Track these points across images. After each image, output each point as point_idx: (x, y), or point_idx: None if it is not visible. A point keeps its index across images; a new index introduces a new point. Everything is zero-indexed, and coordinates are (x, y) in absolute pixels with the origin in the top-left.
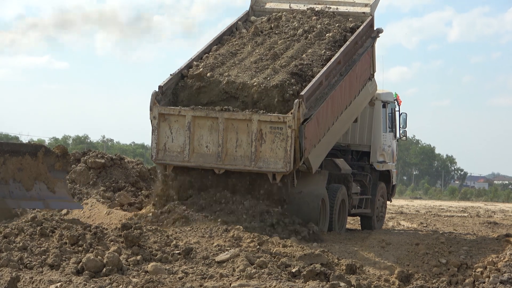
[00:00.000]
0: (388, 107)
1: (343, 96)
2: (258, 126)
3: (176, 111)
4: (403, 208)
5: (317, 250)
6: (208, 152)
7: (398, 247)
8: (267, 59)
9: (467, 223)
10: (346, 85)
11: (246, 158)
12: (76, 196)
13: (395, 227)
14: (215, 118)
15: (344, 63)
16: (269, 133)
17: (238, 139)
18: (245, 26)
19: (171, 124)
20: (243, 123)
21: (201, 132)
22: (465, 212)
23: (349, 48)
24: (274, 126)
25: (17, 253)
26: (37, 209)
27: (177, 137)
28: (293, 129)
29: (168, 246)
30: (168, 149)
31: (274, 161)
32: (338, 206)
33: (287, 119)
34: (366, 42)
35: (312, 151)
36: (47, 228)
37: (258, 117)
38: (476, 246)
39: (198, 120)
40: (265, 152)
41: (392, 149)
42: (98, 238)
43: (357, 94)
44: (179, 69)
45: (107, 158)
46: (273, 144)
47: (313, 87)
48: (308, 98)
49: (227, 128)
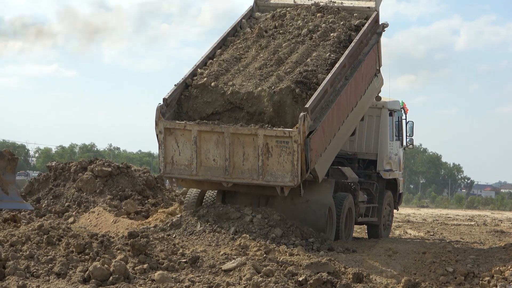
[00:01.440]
0: (395, 116)
1: (349, 99)
2: (264, 141)
3: (181, 126)
4: (410, 217)
5: (324, 259)
6: (215, 165)
7: (405, 255)
8: (272, 64)
9: (474, 231)
10: (352, 87)
11: (254, 172)
12: (82, 204)
13: (402, 236)
14: (221, 133)
15: (350, 65)
16: (276, 147)
17: (245, 153)
18: (250, 24)
19: (177, 137)
20: (249, 137)
21: (207, 146)
22: (472, 221)
23: (354, 49)
24: (280, 140)
25: (24, 261)
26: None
27: (184, 150)
28: (299, 143)
29: (174, 255)
30: (176, 162)
31: (281, 174)
32: (345, 214)
33: (292, 134)
34: (371, 39)
35: (318, 160)
36: (53, 237)
37: (264, 131)
38: (483, 254)
39: (204, 134)
40: (272, 165)
41: (398, 158)
42: (104, 247)
43: (363, 93)
44: (184, 77)
45: (114, 167)
46: (280, 158)
47: (318, 97)
48: (313, 110)
49: (233, 142)
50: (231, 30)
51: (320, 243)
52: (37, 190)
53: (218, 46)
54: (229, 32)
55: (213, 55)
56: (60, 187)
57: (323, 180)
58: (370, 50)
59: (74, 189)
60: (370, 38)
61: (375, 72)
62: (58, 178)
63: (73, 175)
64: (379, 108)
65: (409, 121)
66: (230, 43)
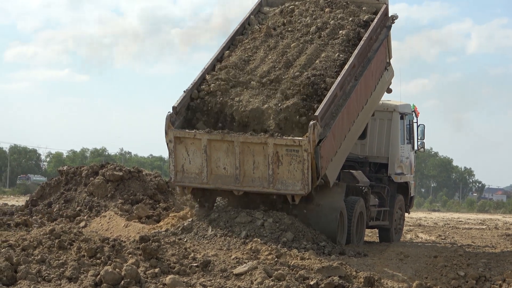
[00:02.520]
0: (406, 119)
1: (359, 99)
2: (274, 149)
3: (191, 135)
4: (421, 221)
5: (335, 263)
6: (226, 173)
7: (416, 259)
8: (280, 67)
9: (485, 235)
10: (362, 86)
11: (264, 180)
12: (94, 208)
13: (413, 240)
14: (230, 142)
15: (359, 64)
16: (286, 156)
17: (255, 161)
18: (258, 19)
19: (187, 146)
20: (258, 146)
21: (217, 155)
22: (483, 225)
23: (364, 48)
24: (290, 148)
25: (36, 265)
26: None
27: (194, 158)
28: (309, 152)
29: (186, 259)
30: (186, 170)
31: (292, 182)
32: (356, 218)
33: (302, 143)
34: (381, 34)
35: (329, 165)
36: (65, 241)
37: (274, 140)
38: (495, 258)
39: (214, 143)
40: (282, 174)
41: (410, 161)
42: (116, 251)
43: (373, 89)
44: (193, 83)
45: (125, 171)
46: (290, 166)
47: (327, 104)
48: (322, 117)
49: (243, 151)
50: (239, 27)
51: (331, 247)
52: (48, 195)
53: (227, 46)
54: (237, 30)
55: (222, 56)
56: (71, 191)
57: (334, 184)
58: (380, 46)
59: (86, 194)
60: (380, 33)
61: (385, 66)
62: (70, 183)
63: (84, 179)
64: (390, 112)
65: (420, 125)
66: (238, 43)
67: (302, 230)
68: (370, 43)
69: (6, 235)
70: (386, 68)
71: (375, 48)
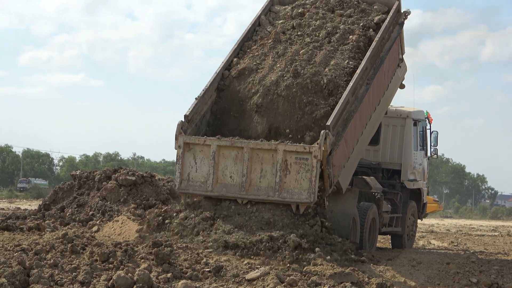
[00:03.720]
0: (419, 125)
1: (372, 101)
2: (283, 156)
3: (201, 141)
4: (434, 227)
5: (347, 269)
6: (232, 182)
7: (428, 266)
8: (289, 77)
9: (498, 242)
10: (375, 88)
11: (270, 189)
12: (106, 213)
13: (426, 246)
14: (240, 148)
15: (371, 66)
16: (294, 164)
17: (263, 170)
18: (269, 19)
19: (195, 154)
20: (268, 153)
21: (225, 162)
22: (496, 231)
23: (376, 49)
24: (299, 156)
25: (48, 270)
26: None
27: (201, 167)
28: (318, 159)
29: (198, 264)
30: (192, 179)
31: (298, 191)
32: (369, 224)
33: (312, 149)
34: (393, 32)
35: (341, 172)
36: (78, 245)
37: (284, 147)
38: (507, 265)
39: (223, 150)
40: (289, 183)
41: (423, 167)
42: (128, 256)
43: (386, 89)
44: (204, 89)
45: (138, 176)
46: (298, 175)
47: (339, 111)
48: (334, 126)
49: (252, 158)
50: (249, 30)
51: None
52: (61, 199)
53: (235, 53)
54: (246, 34)
55: (230, 64)
56: (84, 196)
57: (347, 190)
58: (392, 44)
59: (98, 198)
60: (392, 31)
61: (398, 63)
62: (82, 187)
63: (97, 184)
64: (404, 118)
65: (434, 131)
66: (247, 49)
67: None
68: (383, 43)
69: (19, 239)
70: (399, 65)
71: (388, 47)
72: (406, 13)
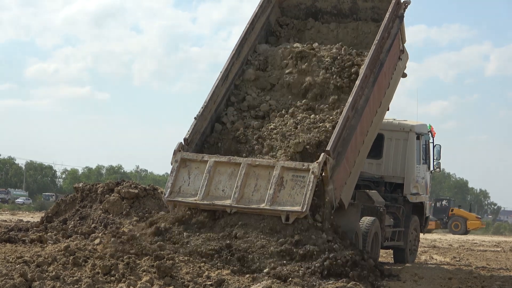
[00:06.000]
0: (422, 139)
1: (373, 108)
2: (280, 172)
3: (199, 157)
4: (436, 242)
5: (349, 284)
6: (223, 195)
7: (430, 281)
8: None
9: (500, 257)
10: (375, 94)
11: (262, 201)
12: (109, 226)
13: (428, 261)
14: (237, 164)
15: (371, 72)
16: (290, 181)
17: (257, 185)
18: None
19: (190, 170)
20: (265, 169)
21: (219, 178)
22: (498, 247)
23: (375, 53)
24: (297, 174)
25: (50, 282)
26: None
27: (194, 181)
28: (316, 175)
29: (200, 277)
30: (182, 192)
31: (290, 204)
32: (371, 239)
33: (311, 167)
34: (393, 28)
35: (343, 189)
36: (80, 258)
37: (282, 163)
38: (509, 281)
39: (219, 167)
40: (282, 197)
41: (425, 181)
42: (130, 268)
43: (387, 87)
44: (203, 107)
45: (141, 189)
46: (292, 191)
47: (339, 132)
48: (334, 149)
49: (248, 173)
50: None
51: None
52: (63, 211)
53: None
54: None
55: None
56: (86, 208)
57: (350, 204)
58: (393, 41)
59: (101, 211)
60: (392, 27)
61: (399, 56)
62: (85, 200)
63: (99, 196)
64: (407, 132)
65: (437, 145)
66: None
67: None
68: (382, 43)
69: (21, 251)
70: (400, 58)
71: (388, 46)
72: (406, 3)
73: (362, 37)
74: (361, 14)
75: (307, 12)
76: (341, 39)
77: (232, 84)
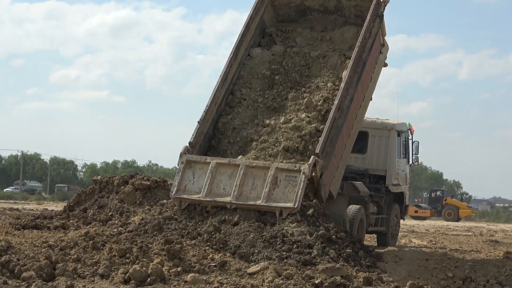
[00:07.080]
0: (402, 136)
1: (357, 104)
2: (275, 173)
3: (202, 159)
4: (414, 227)
5: (337, 264)
6: (224, 193)
7: (410, 262)
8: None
9: (472, 241)
10: (359, 92)
11: (258, 198)
12: (124, 214)
13: (407, 244)
14: (236, 165)
15: (354, 73)
16: (284, 180)
17: (254, 184)
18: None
19: (195, 171)
20: (261, 170)
21: (220, 177)
22: (470, 232)
23: (358, 54)
24: (289, 175)
25: (72, 264)
26: (90, 226)
27: (198, 181)
28: (306, 175)
29: (205, 259)
30: (187, 190)
31: (284, 201)
32: (357, 224)
33: (302, 167)
34: (374, 27)
35: (332, 182)
36: (98, 242)
37: (277, 165)
38: (480, 262)
39: (220, 167)
40: (276, 195)
41: (405, 173)
42: (143, 252)
43: (369, 81)
44: (205, 110)
45: (152, 181)
46: (285, 189)
47: (327, 134)
48: (323, 151)
49: (246, 173)
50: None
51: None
52: (84, 201)
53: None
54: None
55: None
56: (104, 198)
57: (338, 194)
58: (374, 40)
59: (117, 200)
60: (373, 26)
61: (380, 50)
62: (103, 191)
63: (116, 188)
64: (389, 130)
65: (415, 141)
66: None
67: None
68: (364, 43)
69: (46, 237)
70: (381, 52)
71: (370, 45)
72: (386, 1)
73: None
74: (345, 11)
75: (297, 10)
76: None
77: (230, 85)
